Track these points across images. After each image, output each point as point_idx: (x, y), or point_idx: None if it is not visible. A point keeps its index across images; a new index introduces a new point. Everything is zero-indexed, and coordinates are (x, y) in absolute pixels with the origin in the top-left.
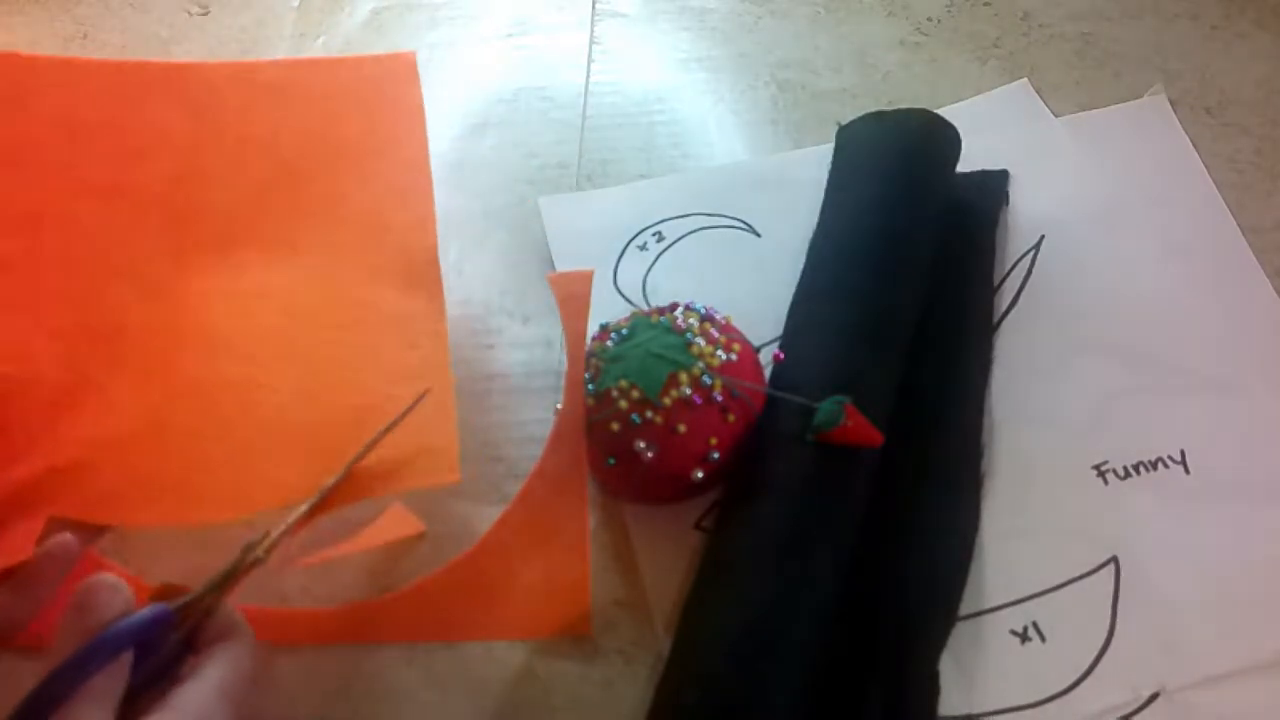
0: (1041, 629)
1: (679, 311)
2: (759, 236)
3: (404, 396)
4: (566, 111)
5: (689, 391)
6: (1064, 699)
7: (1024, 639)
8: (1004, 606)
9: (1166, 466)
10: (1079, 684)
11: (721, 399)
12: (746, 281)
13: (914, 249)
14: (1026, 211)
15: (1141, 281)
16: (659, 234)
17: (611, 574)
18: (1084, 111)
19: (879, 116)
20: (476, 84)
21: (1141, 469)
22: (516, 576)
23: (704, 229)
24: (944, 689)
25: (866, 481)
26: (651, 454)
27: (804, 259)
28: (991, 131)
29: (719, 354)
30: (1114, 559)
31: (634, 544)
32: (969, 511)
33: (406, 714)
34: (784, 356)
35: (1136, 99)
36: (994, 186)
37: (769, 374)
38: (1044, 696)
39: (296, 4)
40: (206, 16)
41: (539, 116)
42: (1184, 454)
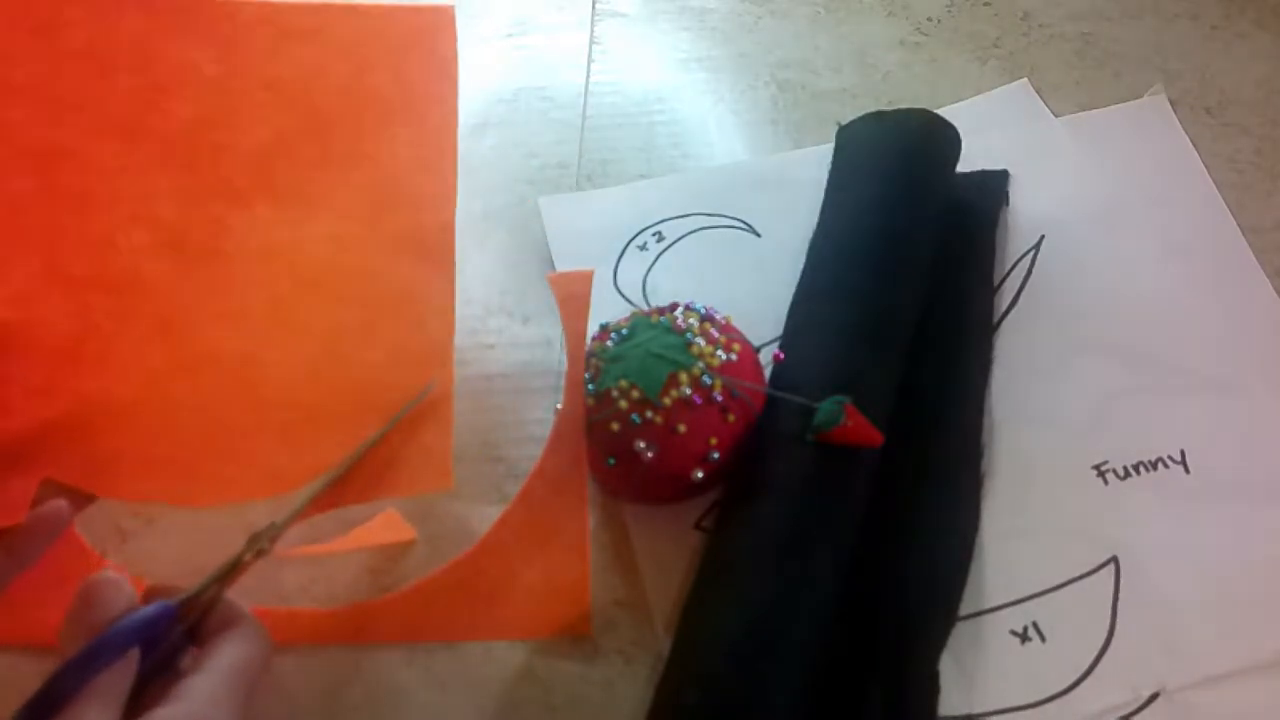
0: (1041, 629)
1: (679, 311)
2: (759, 236)
3: (406, 384)
4: (566, 111)
5: (689, 391)
6: (1064, 699)
7: (1024, 639)
8: (1004, 606)
9: (1166, 466)
10: (1079, 684)
11: (721, 399)
12: (746, 281)
13: (914, 249)
14: (1026, 211)
15: (1141, 281)
16: (659, 234)
17: (611, 574)
18: (1084, 111)
19: (879, 116)
20: (476, 84)
21: (1141, 469)
22: (516, 576)
23: (704, 229)
24: (944, 689)
25: (866, 481)
26: (651, 454)
27: (804, 259)
28: (991, 131)
29: (719, 354)
30: (1114, 559)
31: (634, 544)
32: (969, 511)
33: (406, 714)
34: (784, 356)
35: (1136, 99)
36: (994, 186)
37: (769, 374)
38: (1044, 696)
39: None
40: None
41: (539, 116)
42: (1184, 454)
